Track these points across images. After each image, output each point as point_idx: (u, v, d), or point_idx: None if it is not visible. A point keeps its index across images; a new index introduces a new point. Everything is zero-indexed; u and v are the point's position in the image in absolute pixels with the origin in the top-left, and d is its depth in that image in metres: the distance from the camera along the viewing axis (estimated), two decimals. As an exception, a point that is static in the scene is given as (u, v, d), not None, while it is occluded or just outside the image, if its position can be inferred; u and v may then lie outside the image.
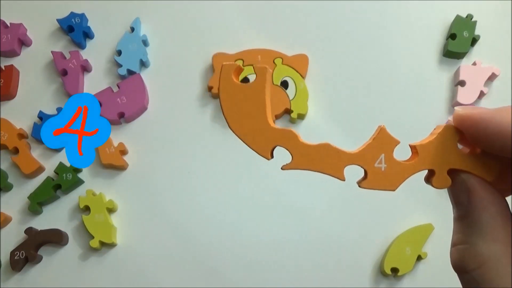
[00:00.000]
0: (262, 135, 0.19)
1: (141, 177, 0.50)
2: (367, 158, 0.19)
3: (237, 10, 0.55)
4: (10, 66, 0.52)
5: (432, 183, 0.20)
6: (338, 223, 0.48)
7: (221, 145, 0.50)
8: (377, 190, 0.20)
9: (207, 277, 0.47)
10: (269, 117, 0.18)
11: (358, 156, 0.19)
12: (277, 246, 0.48)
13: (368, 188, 0.20)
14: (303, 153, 0.19)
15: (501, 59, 0.52)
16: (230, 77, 0.19)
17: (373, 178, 0.20)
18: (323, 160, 0.20)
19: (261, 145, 0.19)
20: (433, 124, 0.53)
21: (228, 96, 0.19)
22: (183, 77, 0.53)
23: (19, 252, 0.46)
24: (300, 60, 0.51)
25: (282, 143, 0.19)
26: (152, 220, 0.49)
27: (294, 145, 0.19)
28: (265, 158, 0.20)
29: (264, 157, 0.20)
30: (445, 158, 0.19)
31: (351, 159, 0.20)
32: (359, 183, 0.21)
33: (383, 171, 0.20)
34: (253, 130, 0.19)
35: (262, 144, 0.19)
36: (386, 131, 0.20)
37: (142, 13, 0.54)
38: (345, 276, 0.47)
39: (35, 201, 0.48)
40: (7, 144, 0.49)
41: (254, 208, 0.49)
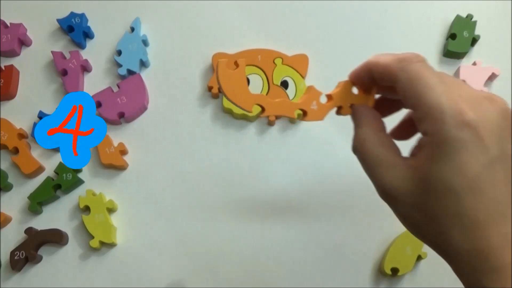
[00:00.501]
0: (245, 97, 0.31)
1: (141, 177, 0.50)
2: (307, 104, 0.32)
3: (237, 10, 0.55)
4: (10, 66, 0.52)
5: (341, 113, 0.33)
6: (338, 223, 0.48)
7: (221, 145, 0.50)
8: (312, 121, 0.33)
9: (207, 277, 0.47)
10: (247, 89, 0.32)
11: (301, 104, 0.32)
12: (277, 246, 0.48)
13: (307, 121, 0.33)
14: (270, 105, 0.32)
15: (501, 59, 0.52)
16: (225, 68, 0.31)
17: (310, 115, 0.33)
18: (281, 108, 0.32)
19: (245, 103, 0.31)
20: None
21: (224, 79, 0.31)
22: (183, 77, 0.53)
23: (19, 252, 0.46)
24: (300, 60, 0.51)
25: (257, 101, 0.32)
26: (152, 220, 0.49)
27: (264, 101, 0.32)
28: (247, 111, 0.31)
29: (247, 110, 0.31)
30: (347, 99, 0.33)
31: (298, 105, 0.32)
32: (301, 119, 0.33)
33: (315, 109, 0.33)
34: (240, 96, 0.31)
35: (246, 103, 0.31)
36: (315, 88, 0.33)
37: (142, 13, 0.54)
38: (345, 276, 0.47)
39: (35, 201, 0.48)
40: (7, 144, 0.49)
41: (254, 208, 0.49)
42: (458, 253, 0.27)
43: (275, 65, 0.51)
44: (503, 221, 0.26)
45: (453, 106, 0.26)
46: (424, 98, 0.26)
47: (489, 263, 0.26)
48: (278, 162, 0.50)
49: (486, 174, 0.26)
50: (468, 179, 0.26)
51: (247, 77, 0.50)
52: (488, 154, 0.26)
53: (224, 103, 0.50)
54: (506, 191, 0.26)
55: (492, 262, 0.26)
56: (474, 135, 0.25)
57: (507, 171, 0.26)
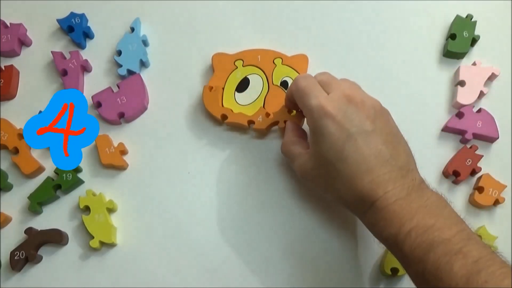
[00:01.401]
0: (217, 109, 0.49)
1: (141, 177, 0.50)
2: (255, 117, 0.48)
3: (237, 10, 0.55)
4: (10, 66, 0.52)
5: (278, 125, 0.47)
6: (338, 223, 0.48)
7: (221, 145, 0.50)
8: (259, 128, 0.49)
9: (207, 277, 0.47)
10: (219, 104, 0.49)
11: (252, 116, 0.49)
12: (277, 246, 0.48)
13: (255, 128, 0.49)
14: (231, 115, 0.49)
15: (501, 59, 0.52)
16: (207, 91, 0.49)
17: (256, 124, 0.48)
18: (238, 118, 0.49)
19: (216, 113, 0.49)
20: (433, 123, 0.54)
21: (205, 97, 0.49)
22: (183, 77, 0.53)
23: (19, 252, 0.46)
24: (300, 60, 0.51)
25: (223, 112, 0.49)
26: (152, 220, 0.49)
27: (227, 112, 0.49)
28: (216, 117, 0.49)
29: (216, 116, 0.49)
30: (281, 116, 0.48)
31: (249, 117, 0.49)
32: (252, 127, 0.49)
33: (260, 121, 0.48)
34: (213, 108, 0.49)
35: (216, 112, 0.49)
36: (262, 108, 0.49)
37: (142, 13, 0.54)
38: (345, 276, 0.47)
39: (35, 201, 0.48)
40: (7, 144, 0.49)
41: (254, 208, 0.49)
42: (347, 201, 0.39)
43: (275, 65, 0.51)
44: (366, 174, 0.37)
45: (318, 104, 0.39)
46: (303, 104, 0.41)
47: (364, 203, 0.37)
48: (278, 163, 0.50)
49: (349, 145, 0.37)
50: (336, 151, 0.38)
51: (247, 77, 0.50)
52: (346, 132, 0.37)
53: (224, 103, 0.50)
54: (368, 154, 0.37)
55: (366, 202, 0.37)
56: (332, 121, 0.38)
57: (366, 140, 0.37)
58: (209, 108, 0.49)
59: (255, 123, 0.48)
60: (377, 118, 0.39)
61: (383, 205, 0.36)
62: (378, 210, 0.36)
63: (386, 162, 0.37)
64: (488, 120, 0.49)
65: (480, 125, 0.49)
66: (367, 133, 0.38)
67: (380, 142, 0.38)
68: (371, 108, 0.39)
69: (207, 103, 0.49)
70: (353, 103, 0.39)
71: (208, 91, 0.49)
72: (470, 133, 0.49)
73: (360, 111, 0.38)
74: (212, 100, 0.49)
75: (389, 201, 0.36)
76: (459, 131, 0.49)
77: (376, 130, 0.38)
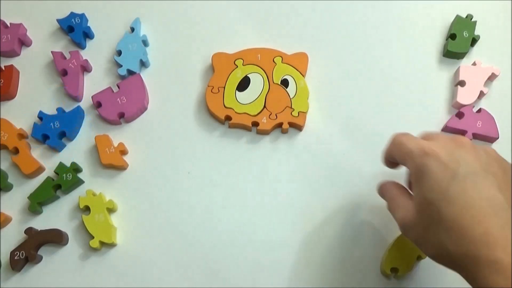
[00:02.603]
0: (221, 110, 0.49)
1: (141, 177, 0.50)
2: (260, 118, 0.49)
3: (237, 10, 0.55)
4: (10, 66, 0.52)
5: (282, 127, 0.49)
6: (338, 223, 0.48)
7: (221, 145, 0.50)
8: (263, 129, 0.49)
9: (207, 277, 0.47)
10: (222, 105, 0.49)
11: (256, 118, 0.49)
12: (277, 246, 0.48)
13: (259, 129, 0.49)
14: (235, 116, 0.49)
15: (501, 59, 0.52)
16: (210, 93, 0.50)
17: (261, 125, 0.49)
18: (243, 119, 0.49)
19: (220, 114, 0.49)
20: (433, 123, 0.54)
21: (209, 98, 0.50)
22: (183, 77, 0.53)
23: (19, 252, 0.46)
24: (300, 59, 0.51)
25: (227, 113, 0.49)
26: (152, 220, 0.49)
27: (231, 113, 0.49)
28: (220, 118, 0.49)
29: (220, 117, 0.49)
30: (285, 118, 0.49)
31: (254, 118, 0.49)
32: (256, 128, 0.50)
33: (265, 122, 0.49)
34: (217, 109, 0.49)
35: (219, 113, 0.49)
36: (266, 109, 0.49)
37: (142, 13, 0.54)
38: (345, 276, 0.47)
39: (35, 201, 0.48)
40: (7, 144, 0.49)
41: (254, 208, 0.49)
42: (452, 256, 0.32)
43: (275, 64, 0.51)
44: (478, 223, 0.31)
45: (417, 146, 0.35)
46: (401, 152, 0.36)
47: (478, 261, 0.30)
48: (280, 164, 0.50)
49: (455, 185, 0.32)
50: (439, 192, 0.32)
51: (248, 76, 0.50)
52: (450, 170, 0.33)
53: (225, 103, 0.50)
54: (478, 198, 0.31)
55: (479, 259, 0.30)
56: (435, 159, 0.33)
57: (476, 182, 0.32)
58: (213, 108, 0.49)
59: (259, 124, 0.49)
60: (490, 163, 0.34)
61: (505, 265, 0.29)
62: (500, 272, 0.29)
63: (503, 210, 0.31)
64: (488, 120, 0.49)
65: (480, 125, 0.49)
66: (477, 175, 0.32)
67: (494, 188, 0.32)
68: (482, 152, 0.34)
69: (210, 104, 0.49)
70: (460, 146, 0.34)
71: (210, 92, 0.49)
72: (470, 133, 0.49)
73: (469, 153, 0.34)
74: (215, 100, 0.49)
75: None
76: (459, 131, 0.49)
77: (488, 175, 0.33)
